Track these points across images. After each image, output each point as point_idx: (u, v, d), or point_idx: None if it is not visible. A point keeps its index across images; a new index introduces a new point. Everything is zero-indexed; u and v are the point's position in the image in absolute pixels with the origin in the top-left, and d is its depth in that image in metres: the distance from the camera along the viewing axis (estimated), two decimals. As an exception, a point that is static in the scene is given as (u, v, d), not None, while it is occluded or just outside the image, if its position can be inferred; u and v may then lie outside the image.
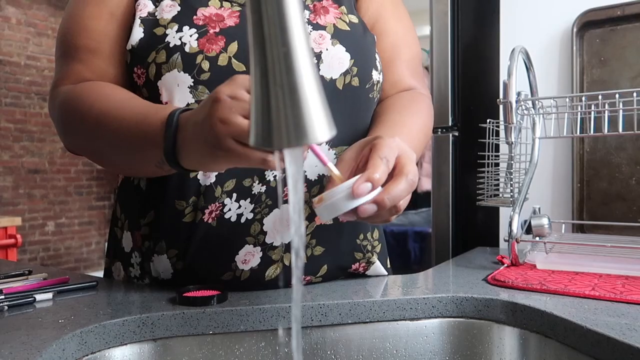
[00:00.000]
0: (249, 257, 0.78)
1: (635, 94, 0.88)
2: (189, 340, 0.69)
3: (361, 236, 0.87)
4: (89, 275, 0.92)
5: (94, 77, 0.79)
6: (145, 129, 0.66)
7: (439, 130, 1.65)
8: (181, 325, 0.68)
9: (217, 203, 0.76)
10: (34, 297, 0.74)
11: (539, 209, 1.05)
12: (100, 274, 0.96)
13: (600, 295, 0.73)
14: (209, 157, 0.59)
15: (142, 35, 0.76)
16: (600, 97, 0.92)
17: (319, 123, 0.35)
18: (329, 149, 0.80)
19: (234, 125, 0.55)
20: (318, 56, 0.78)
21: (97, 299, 0.76)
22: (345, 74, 0.79)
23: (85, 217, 5.20)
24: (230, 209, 0.76)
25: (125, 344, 0.66)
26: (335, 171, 0.59)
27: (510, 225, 0.94)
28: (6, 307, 0.70)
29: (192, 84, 0.73)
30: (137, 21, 0.77)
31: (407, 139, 0.73)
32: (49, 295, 0.76)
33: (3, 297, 0.72)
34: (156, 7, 0.78)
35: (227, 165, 0.60)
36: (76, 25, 0.80)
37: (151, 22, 0.77)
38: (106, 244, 0.95)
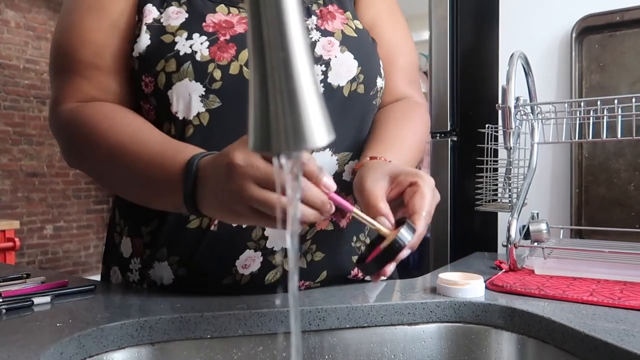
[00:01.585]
0: (249, 262, 0.78)
1: (634, 100, 0.88)
2: (186, 344, 0.69)
3: (354, 238, 0.87)
4: (87, 278, 0.91)
5: (99, 93, 0.77)
6: (162, 172, 0.66)
7: (438, 135, 1.65)
8: (179, 329, 0.68)
9: None
10: (32, 301, 0.74)
11: (538, 214, 1.06)
12: (98, 277, 0.96)
13: (598, 300, 0.73)
14: (228, 214, 0.62)
15: (149, 42, 0.74)
16: (599, 102, 0.92)
17: (318, 128, 0.35)
18: (331, 155, 0.80)
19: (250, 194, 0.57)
20: (327, 64, 0.78)
21: (95, 302, 0.76)
22: (352, 81, 0.79)
23: (83, 220, 5.19)
24: None
25: (124, 348, 0.66)
26: (363, 215, 0.64)
27: (508, 230, 0.94)
28: (4, 311, 0.70)
29: (203, 93, 0.72)
30: (144, 28, 0.75)
31: (403, 155, 0.79)
32: (47, 299, 0.76)
33: (1, 300, 0.72)
34: (161, 13, 0.75)
35: (247, 221, 0.63)
36: (76, 37, 0.76)
37: (158, 29, 0.74)
38: (104, 247, 0.94)
